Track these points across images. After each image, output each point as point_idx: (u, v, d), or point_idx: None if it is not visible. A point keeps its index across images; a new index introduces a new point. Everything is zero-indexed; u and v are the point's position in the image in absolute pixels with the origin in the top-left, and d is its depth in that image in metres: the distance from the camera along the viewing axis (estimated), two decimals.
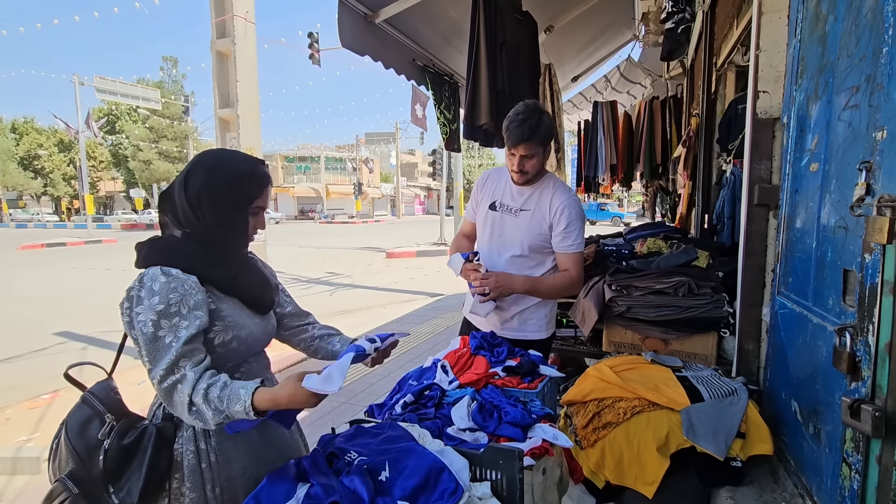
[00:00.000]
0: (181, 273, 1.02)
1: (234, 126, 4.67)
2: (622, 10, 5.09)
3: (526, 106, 1.76)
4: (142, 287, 1.00)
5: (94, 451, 1.02)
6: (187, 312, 1.00)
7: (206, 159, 1.10)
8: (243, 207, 1.11)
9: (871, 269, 1.03)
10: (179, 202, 1.07)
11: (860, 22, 1.15)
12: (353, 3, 3.03)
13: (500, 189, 1.95)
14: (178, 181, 1.08)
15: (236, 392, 0.97)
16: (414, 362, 4.30)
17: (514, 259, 1.89)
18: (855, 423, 1.02)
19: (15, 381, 4.27)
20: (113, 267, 12.04)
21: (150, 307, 0.97)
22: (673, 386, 1.64)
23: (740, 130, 2.67)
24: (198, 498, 1.07)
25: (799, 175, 1.54)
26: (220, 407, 0.96)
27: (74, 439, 1.03)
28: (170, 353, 0.97)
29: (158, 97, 26.84)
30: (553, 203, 1.84)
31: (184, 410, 0.97)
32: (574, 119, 7.90)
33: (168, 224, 1.11)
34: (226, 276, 1.10)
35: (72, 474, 1.01)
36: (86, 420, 1.05)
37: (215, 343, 1.07)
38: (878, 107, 1.04)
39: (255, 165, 1.12)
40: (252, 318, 1.16)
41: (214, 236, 1.09)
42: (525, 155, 1.76)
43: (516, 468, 1.02)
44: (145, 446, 1.02)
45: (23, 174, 37.04)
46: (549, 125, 1.76)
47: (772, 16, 1.78)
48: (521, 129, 1.71)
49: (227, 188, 1.08)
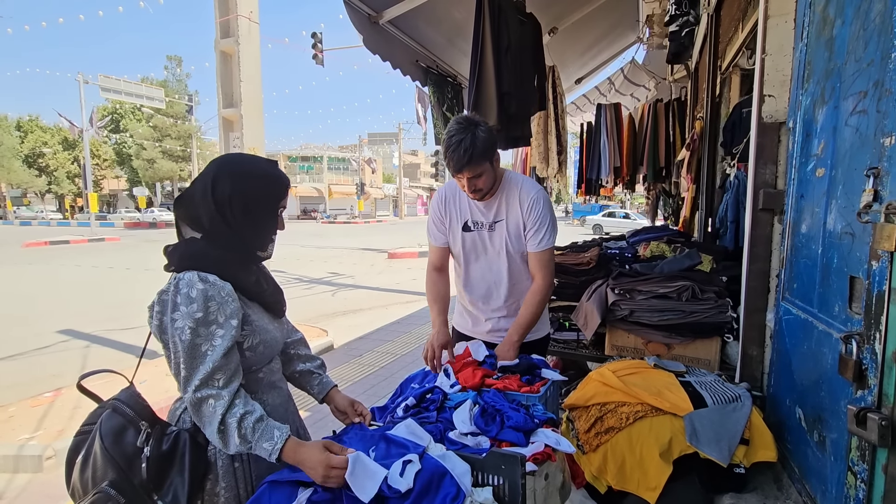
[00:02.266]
0: (218, 280, 1.03)
1: (238, 126, 4.68)
2: (626, 12, 5.08)
3: (458, 125, 1.65)
4: (178, 292, 0.99)
5: (134, 459, 1.02)
6: (224, 321, 1.01)
7: (228, 164, 1.12)
8: (274, 208, 1.14)
9: (878, 276, 1.02)
10: (205, 208, 1.07)
11: (868, 26, 1.14)
12: (358, 4, 3.03)
13: (465, 207, 1.85)
14: (199, 188, 1.08)
15: (270, 431, 1.01)
16: (416, 364, 4.29)
17: (510, 271, 1.83)
18: (861, 431, 1.01)
19: (18, 379, 4.29)
20: (116, 265, 12.08)
21: (188, 314, 0.98)
22: (676, 391, 1.63)
23: (745, 134, 2.66)
24: (232, 497, 1.09)
25: (804, 180, 1.53)
26: (249, 437, 0.99)
27: (111, 448, 1.02)
28: (206, 363, 0.98)
29: (162, 96, 26.95)
30: (523, 200, 1.77)
31: (212, 426, 0.98)
32: (577, 121, 7.88)
33: (185, 229, 1.12)
34: (250, 282, 1.12)
35: (114, 483, 1.01)
36: (120, 428, 1.05)
37: (244, 347, 1.09)
38: (886, 112, 1.03)
39: (276, 167, 1.16)
40: (272, 322, 1.19)
41: (243, 239, 1.11)
42: (472, 176, 1.67)
43: (518, 473, 1.01)
44: (182, 451, 1.04)
45: (27, 172, 37.22)
46: (484, 138, 1.64)
47: (778, 19, 1.77)
48: (458, 153, 1.61)
49: (259, 190, 1.11)
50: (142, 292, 7.92)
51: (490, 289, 1.88)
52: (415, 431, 1.11)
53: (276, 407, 1.19)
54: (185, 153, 34.92)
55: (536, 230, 1.76)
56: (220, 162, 1.12)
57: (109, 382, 1.18)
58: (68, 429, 3.21)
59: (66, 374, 4.35)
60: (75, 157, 38.68)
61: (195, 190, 1.09)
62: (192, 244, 1.08)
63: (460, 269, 1.93)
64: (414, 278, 9.97)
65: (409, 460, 0.98)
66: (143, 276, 10.31)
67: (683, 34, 2.93)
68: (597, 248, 2.85)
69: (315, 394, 1.35)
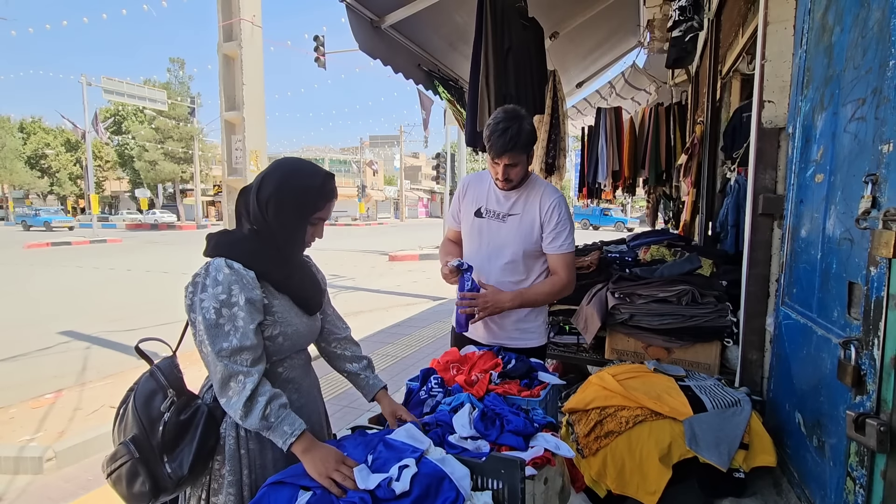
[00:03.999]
0: (242, 268, 1.10)
1: (240, 129, 4.69)
2: (627, 16, 5.10)
3: (506, 113, 1.72)
4: (207, 275, 1.09)
5: (156, 422, 1.10)
6: (245, 303, 1.08)
7: (282, 167, 1.19)
8: (305, 217, 1.19)
9: (876, 282, 1.02)
10: (252, 202, 1.17)
11: (867, 34, 1.15)
12: (360, 9, 3.05)
13: (483, 194, 1.90)
14: (255, 182, 1.18)
15: (292, 419, 1.09)
16: (416, 366, 4.29)
17: (506, 266, 1.85)
18: (860, 437, 1.02)
19: (19, 380, 4.29)
20: (117, 267, 12.10)
21: (213, 295, 1.06)
22: (676, 395, 1.64)
23: (745, 139, 2.67)
24: (234, 481, 1.14)
25: (804, 185, 1.53)
26: (271, 419, 1.06)
27: (140, 408, 1.11)
28: (231, 340, 1.06)
29: (165, 98, 27.02)
30: (543, 203, 1.81)
31: (240, 398, 1.04)
32: (578, 125, 7.90)
33: (242, 217, 1.21)
34: (280, 275, 1.18)
35: (135, 439, 1.10)
36: (151, 392, 1.13)
37: (264, 335, 1.15)
38: (884, 119, 1.03)
39: (324, 179, 1.20)
40: (300, 316, 1.23)
41: (276, 238, 1.18)
42: (509, 164, 1.73)
43: (518, 478, 1.02)
44: (197, 423, 1.11)
45: (30, 173, 37.31)
46: (529, 131, 1.72)
47: (778, 26, 1.78)
48: (503, 138, 1.67)
49: (294, 198, 1.16)
50: (143, 294, 7.97)
51: (480, 276, 1.89)
52: (414, 436, 1.12)
53: (291, 402, 1.21)
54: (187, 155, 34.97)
55: (559, 233, 1.81)
56: (278, 163, 1.21)
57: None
58: (69, 430, 3.22)
59: (67, 375, 4.36)
60: (78, 158, 38.78)
61: (253, 184, 1.18)
62: (227, 234, 1.17)
63: (464, 250, 2.00)
64: (415, 281, 9.97)
65: (406, 465, 0.99)
66: (144, 278, 10.33)
67: (687, 39, 2.94)
68: (597, 252, 2.85)
69: (365, 395, 1.41)
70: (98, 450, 2.99)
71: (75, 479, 2.77)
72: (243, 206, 1.20)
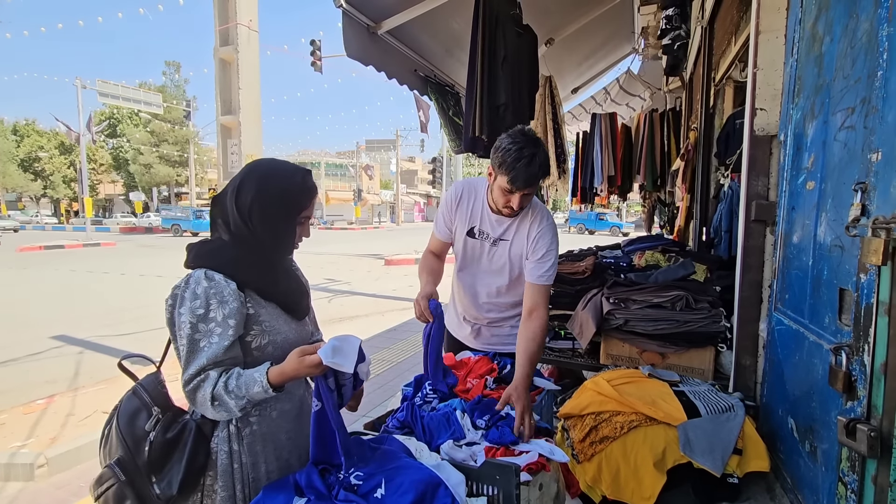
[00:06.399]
0: (223, 279, 1.08)
1: (236, 133, 4.70)
2: (622, 23, 5.15)
3: (525, 138, 1.57)
4: (186, 288, 1.06)
5: (141, 441, 1.07)
6: (222, 320, 1.06)
7: (256, 170, 1.15)
8: (293, 218, 1.16)
9: (866, 289, 1.04)
10: (231, 210, 1.13)
11: (856, 44, 1.17)
12: (356, 15, 3.06)
13: (477, 213, 1.83)
14: (229, 189, 1.13)
15: (251, 377, 1.05)
16: (412, 370, 4.29)
17: (499, 289, 1.86)
18: (851, 442, 1.03)
19: (10, 385, 4.25)
20: (111, 270, 12.02)
21: (190, 310, 1.04)
22: (670, 401, 1.64)
23: (738, 145, 2.69)
24: (228, 497, 1.12)
25: (796, 192, 1.55)
26: (239, 394, 1.03)
27: (124, 429, 1.08)
28: (201, 358, 1.03)
29: (160, 101, 26.99)
30: (531, 231, 1.77)
31: (206, 406, 1.03)
32: (573, 130, 7.95)
33: (218, 226, 1.16)
34: (266, 282, 1.15)
35: (120, 462, 1.07)
36: (135, 411, 1.10)
37: (252, 346, 1.12)
38: (873, 129, 1.05)
39: (303, 176, 1.18)
40: (289, 323, 1.21)
41: (263, 244, 1.14)
42: (527, 194, 1.63)
43: (513, 483, 1.02)
44: (185, 440, 1.08)
45: (23, 176, 37.10)
46: (546, 154, 1.62)
47: (769, 35, 1.80)
48: (531, 169, 1.53)
49: (278, 199, 1.13)
50: (136, 299, 7.90)
51: (474, 297, 1.93)
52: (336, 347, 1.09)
53: (284, 412, 1.20)
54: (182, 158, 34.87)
55: (542, 262, 1.74)
56: (250, 167, 1.17)
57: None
58: (61, 436, 3.19)
59: (60, 380, 4.32)
60: (72, 161, 38.58)
61: (226, 192, 1.14)
62: (207, 243, 1.14)
63: (456, 265, 1.98)
64: (410, 285, 9.96)
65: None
66: (138, 283, 10.27)
67: (676, 47, 2.98)
68: (592, 257, 2.86)
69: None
70: (90, 456, 2.96)
71: (67, 485, 2.74)
72: (219, 215, 1.15)
